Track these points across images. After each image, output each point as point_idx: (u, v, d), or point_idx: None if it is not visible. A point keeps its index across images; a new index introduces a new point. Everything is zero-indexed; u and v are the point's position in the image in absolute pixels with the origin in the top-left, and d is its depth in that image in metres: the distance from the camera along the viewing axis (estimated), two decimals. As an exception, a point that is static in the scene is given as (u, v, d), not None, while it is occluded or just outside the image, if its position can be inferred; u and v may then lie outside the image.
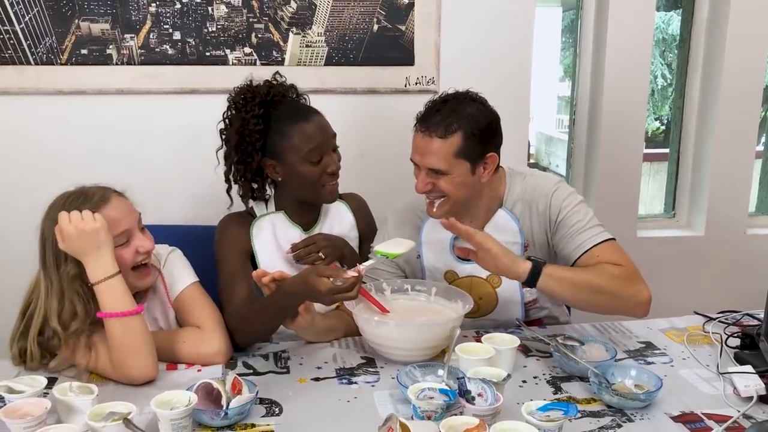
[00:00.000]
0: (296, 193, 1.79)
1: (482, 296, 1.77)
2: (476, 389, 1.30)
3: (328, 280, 1.44)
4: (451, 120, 1.61)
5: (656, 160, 4.24)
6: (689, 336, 1.73)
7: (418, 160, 1.67)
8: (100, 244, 1.42)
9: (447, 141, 1.60)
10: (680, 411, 1.36)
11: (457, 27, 2.34)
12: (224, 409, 1.29)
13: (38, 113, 2.18)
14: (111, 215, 1.46)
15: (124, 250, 1.50)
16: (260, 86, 1.77)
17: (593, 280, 1.59)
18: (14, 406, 1.25)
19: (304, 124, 1.71)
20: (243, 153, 1.73)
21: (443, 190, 1.65)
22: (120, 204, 1.51)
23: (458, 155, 1.61)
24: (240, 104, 1.74)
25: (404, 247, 1.61)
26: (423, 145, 1.64)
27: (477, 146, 1.63)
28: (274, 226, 1.81)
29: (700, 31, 2.72)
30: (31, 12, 2.10)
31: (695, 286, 2.73)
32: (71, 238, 1.41)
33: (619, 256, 1.65)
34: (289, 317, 1.56)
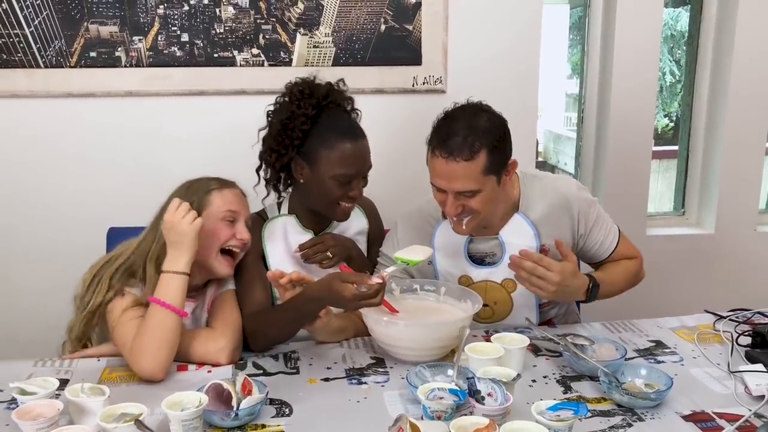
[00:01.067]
0: (311, 201, 1.78)
1: (497, 301, 1.76)
2: (486, 389, 1.30)
3: (353, 286, 1.43)
4: (473, 139, 1.55)
5: (665, 157, 4.23)
6: (700, 334, 1.72)
7: (444, 186, 1.60)
8: (184, 245, 1.53)
9: (474, 162, 1.56)
10: (691, 410, 1.36)
11: (465, 26, 2.34)
12: (235, 410, 1.29)
13: (48, 116, 2.20)
14: (228, 195, 1.64)
15: (225, 227, 1.62)
16: (321, 86, 1.74)
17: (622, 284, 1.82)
18: (27, 407, 1.27)
19: (349, 144, 1.68)
20: (280, 144, 1.71)
21: (475, 209, 1.62)
22: (237, 191, 1.67)
23: (486, 172, 1.58)
24: (296, 96, 1.71)
25: (424, 255, 1.61)
26: (448, 171, 1.57)
27: (500, 157, 1.61)
28: (285, 230, 1.81)
29: (709, 27, 2.71)
30: (41, 15, 2.11)
31: (705, 284, 2.72)
32: (166, 227, 1.54)
33: (630, 247, 1.86)
34: (309, 321, 1.57)
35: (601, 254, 1.82)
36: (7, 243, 2.23)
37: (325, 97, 1.72)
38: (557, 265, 1.58)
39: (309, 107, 1.69)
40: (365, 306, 1.48)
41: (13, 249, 2.22)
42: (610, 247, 1.81)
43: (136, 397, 1.32)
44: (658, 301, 2.67)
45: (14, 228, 2.23)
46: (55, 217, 2.18)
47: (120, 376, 1.52)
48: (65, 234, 2.17)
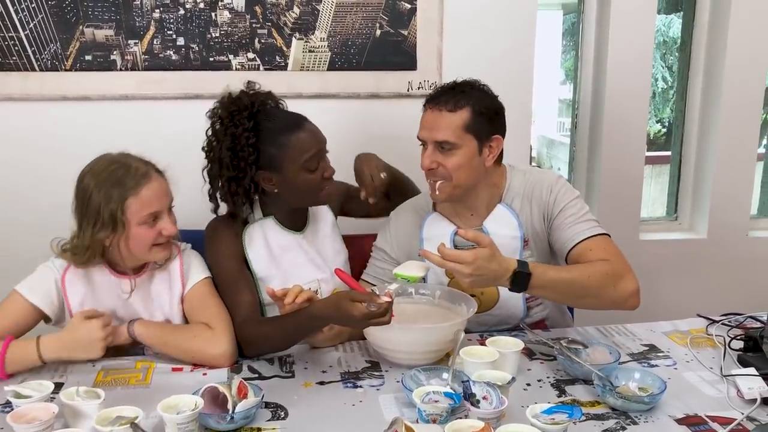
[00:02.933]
0: (293, 201, 1.77)
1: (483, 291, 1.78)
2: (481, 392, 1.30)
3: (362, 305, 1.42)
4: (461, 96, 1.67)
5: (658, 162, 4.25)
6: (692, 338, 1.73)
7: (425, 136, 1.69)
8: (71, 354, 1.53)
9: (456, 114, 1.65)
10: (684, 413, 1.37)
11: (459, 31, 2.35)
12: (230, 413, 1.29)
13: (43, 119, 2.19)
14: (146, 195, 1.54)
15: (148, 229, 1.56)
16: (241, 98, 1.71)
17: (578, 282, 1.60)
18: (22, 410, 1.26)
19: (299, 132, 1.69)
20: (236, 169, 1.68)
21: (448, 168, 1.67)
22: (157, 185, 1.57)
23: (467, 129, 1.65)
24: (227, 119, 1.68)
25: (422, 270, 1.61)
26: (432, 120, 1.67)
27: (485, 124, 1.68)
28: (264, 233, 1.79)
29: (701, 34, 2.73)
30: (36, 18, 2.11)
31: (698, 289, 2.73)
32: (71, 331, 1.52)
33: (610, 250, 1.66)
34: (312, 335, 1.58)
35: (566, 241, 1.69)
36: (1, 247, 2.23)
37: (252, 104, 1.70)
38: (468, 254, 1.51)
39: (245, 121, 1.67)
40: (375, 324, 1.45)
41: (7, 253, 2.21)
42: (576, 237, 1.67)
43: (132, 401, 1.32)
44: (651, 305, 2.68)
45: (8, 232, 2.23)
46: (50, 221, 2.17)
47: (115, 379, 1.52)
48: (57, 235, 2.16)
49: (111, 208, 1.51)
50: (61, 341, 1.52)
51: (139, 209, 1.53)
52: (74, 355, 1.52)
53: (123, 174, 1.53)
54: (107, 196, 1.51)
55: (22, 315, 1.56)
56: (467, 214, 1.78)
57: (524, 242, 1.76)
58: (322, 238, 1.87)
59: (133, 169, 1.55)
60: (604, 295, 1.61)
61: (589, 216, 1.73)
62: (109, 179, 1.52)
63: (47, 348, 1.50)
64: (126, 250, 1.57)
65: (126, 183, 1.52)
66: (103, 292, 1.62)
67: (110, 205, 1.51)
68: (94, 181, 1.53)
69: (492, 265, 1.52)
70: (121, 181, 1.52)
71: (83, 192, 1.53)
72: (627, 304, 1.64)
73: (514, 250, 1.74)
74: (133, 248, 1.57)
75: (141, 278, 1.64)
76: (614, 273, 1.62)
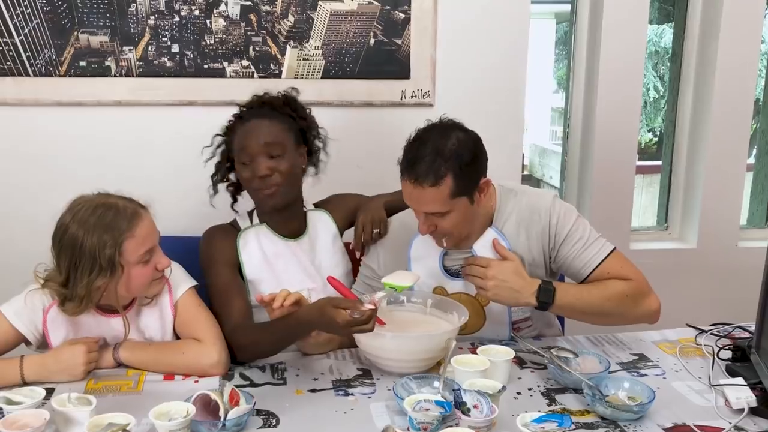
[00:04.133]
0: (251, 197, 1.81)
1: (470, 314, 1.77)
2: (472, 401, 1.31)
3: (346, 312, 1.43)
4: (439, 164, 1.55)
5: (649, 172, 4.28)
6: (681, 348, 1.74)
7: (414, 207, 1.65)
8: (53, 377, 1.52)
9: (440, 187, 1.57)
10: (673, 423, 1.38)
11: (453, 41, 2.37)
12: (222, 421, 1.30)
13: (37, 125, 2.20)
14: (139, 234, 1.49)
15: (145, 268, 1.53)
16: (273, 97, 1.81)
17: (603, 304, 1.66)
18: (13, 417, 1.27)
19: (245, 123, 1.74)
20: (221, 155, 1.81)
21: (447, 229, 1.64)
22: (147, 221, 1.54)
23: (454, 195, 1.59)
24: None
25: (411, 280, 1.62)
26: (417, 196, 1.60)
27: (469, 180, 1.61)
28: (258, 239, 1.81)
29: (692, 45, 2.76)
30: (31, 24, 2.11)
31: (687, 299, 2.74)
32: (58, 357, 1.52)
33: (626, 268, 1.71)
34: (300, 339, 1.59)
35: (581, 269, 1.71)
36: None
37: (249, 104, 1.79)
38: (495, 261, 1.62)
39: (233, 118, 1.78)
40: (358, 332, 1.47)
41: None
42: (590, 263, 1.69)
43: (123, 407, 1.32)
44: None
45: (1, 237, 2.22)
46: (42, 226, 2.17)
47: (106, 386, 1.52)
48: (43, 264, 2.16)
49: (108, 253, 1.45)
50: (43, 364, 1.52)
51: (136, 249, 1.49)
52: (55, 378, 1.51)
53: (113, 216, 1.48)
54: (101, 242, 1.45)
55: (3, 337, 1.54)
56: (460, 240, 1.75)
57: None
58: (320, 248, 1.87)
59: (122, 209, 1.50)
60: (627, 313, 1.69)
61: (595, 235, 1.73)
62: (99, 224, 1.46)
63: (30, 369, 1.50)
64: (124, 291, 1.53)
65: (119, 225, 1.47)
66: (91, 332, 1.59)
67: (106, 251, 1.45)
68: (83, 229, 1.45)
69: (517, 279, 1.62)
70: (112, 225, 1.47)
71: (72, 241, 1.46)
72: (650, 320, 1.73)
73: None
74: (132, 289, 1.54)
75: (129, 313, 1.61)
76: (636, 292, 1.68)
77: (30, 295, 1.57)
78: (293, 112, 1.79)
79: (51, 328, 1.57)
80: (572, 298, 1.64)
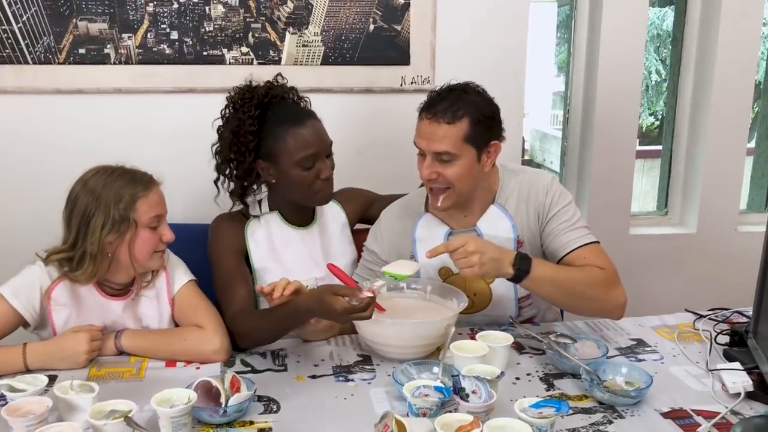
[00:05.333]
0: (288, 195, 1.80)
1: (476, 292, 1.79)
2: (470, 386, 1.32)
3: (344, 299, 1.44)
4: (458, 106, 1.63)
5: (650, 157, 4.28)
6: (680, 333, 1.76)
7: (424, 146, 1.67)
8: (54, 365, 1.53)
9: (455, 126, 1.62)
10: (670, 407, 1.39)
11: (453, 26, 2.36)
12: (223, 407, 1.31)
13: (36, 112, 2.19)
14: (153, 198, 1.57)
15: (151, 233, 1.57)
16: (260, 87, 1.77)
17: (575, 286, 1.64)
18: (16, 404, 1.27)
19: (300, 128, 1.72)
20: (236, 152, 1.74)
21: (449, 178, 1.66)
22: (160, 192, 1.61)
23: (466, 140, 1.64)
24: (238, 104, 1.75)
25: (411, 269, 1.63)
26: (430, 131, 1.65)
27: (483, 132, 1.66)
28: (268, 227, 1.83)
29: (693, 29, 2.75)
30: (29, 11, 2.11)
31: (686, 284, 2.76)
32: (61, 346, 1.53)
33: (603, 259, 1.70)
34: (299, 326, 1.59)
35: (559, 248, 1.72)
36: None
37: (265, 95, 1.75)
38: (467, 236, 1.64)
39: (252, 109, 1.73)
40: (356, 319, 1.49)
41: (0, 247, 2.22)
42: (570, 244, 1.70)
43: (125, 394, 1.33)
44: (639, 299, 2.70)
45: (2, 225, 2.23)
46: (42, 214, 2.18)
47: (108, 372, 1.54)
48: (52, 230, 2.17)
49: (122, 207, 1.52)
50: (46, 351, 1.53)
51: (147, 210, 1.55)
52: (58, 365, 1.53)
53: (131, 177, 1.56)
54: (118, 196, 1.52)
55: (3, 319, 1.55)
56: (461, 215, 1.78)
57: (518, 243, 1.76)
58: (329, 237, 1.89)
59: (139, 174, 1.59)
60: (596, 299, 1.66)
61: (582, 223, 1.75)
62: (118, 180, 1.54)
63: (33, 356, 1.51)
64: (128, 257, 1.56)
65: (136, 185, 1.55)
66: (92, 313, 1.61)
67: (121, 204, 1.52)
68: (102, 182, 1.53)
69: (492, 246, 1.59)
70: (130, 183, 1.55)
71: (91, 193, 1.53)
72: (614, 313, 1.71)
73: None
74: (137, 253, 1.56)
75: (128, 301, 1.64)
76: (607, 282, 1.66)
77: (28, 275, 1.59)
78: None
79: (54, 308, 1.58)
80: (547, 272, 1.63)
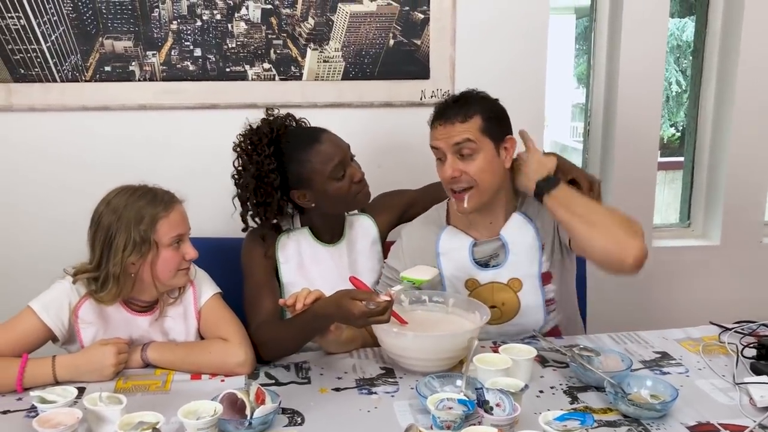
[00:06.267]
0: (332, 209, 1.83)
1: (504, 302, 1.79)
2: (494, 399, 1.32)
3: (362, 303, 1.46)
4: (468, 107, 1.68)
5: (671, 168, 4.24)
6: (705, 346, 1.74)
7: (442, 145, 1.69)
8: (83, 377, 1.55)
9: (469, 122, 1.67)
10: (696, 421, 1.38)
11: (472, 39, 2.37)
12: (249, 419, 1.32)
13: (64, 129, 2.24)
14: (174, 218, 1.58)
15: (173, 252, 1.59)
16: (261, 126, 1.79)
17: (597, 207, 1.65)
18: (47, 415, 1.30)
19: (318, 145, 1.74)
20: (263, 194, 1.76)
21: (472, 174, 1.67)
22: (182, 210, 1.63)
23: (483, 132, 1.67)
24: (249, 150, 1.76)
25: (430, 274, 1.65)
26: (446, 132, 1.68)
27: (496, 126, 1.70)
28: (298, 243, 1.85)
29: (714, 39, 2.73)
30: (57, 31, 2.16)
31: (711, 296, 2.72)
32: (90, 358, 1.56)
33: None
34: (319, 335, 1.60)
35: None
36: (20, 254, 2.28)
37: (270, 131, 1.77)
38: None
39: (266, 148, 1.75)
40: (373, 323, 1.50)
41: (27, 261, 2.26)
42: None
43: (152, 406, 1.35)
44: (663, 312, 2.69)
45: (29, 239, 2.28)
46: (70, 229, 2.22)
47: (135, 385, 1.56)
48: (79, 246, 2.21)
49: (143, 228, 1.53)
50: (74, 363, 1.56)
51: (168, 231, 1.56)
52: (86, 378, 1.55)
53: (152, 198, 1.57)
54: (138, 217, 1.53)
55: (34, 333, 1.58)
56: (486, 222, 1.79)
57: (542, 248, 1.78)
58: (357, 253, 1.90)
59: (160, 194, 1.60)
60: (613, 234, 1.58)
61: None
62: (139, 201, 1.56)
63: (62, 369, 1.54)
64: (151, 277, 1.57)
65: (156, 205, 1.56)
66: (119, 330, 1.64)
67: (141, 226, 1.53)
68: (122, 205, 1.55)
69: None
70: (151, 203, 1.56)
71: (111, 216, 1.54)
72: (628, 260, 1.56)
73: (533, 259, 1.77)
74: (160, 273, 1.58)
75: (154, 316, 1.66)
76: (631, 227, 1.60)
77: (57, 290, 1.61)
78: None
79: (81, 326, 1.61)
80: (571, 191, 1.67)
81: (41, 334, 1.59)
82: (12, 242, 2.28)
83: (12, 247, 2.28)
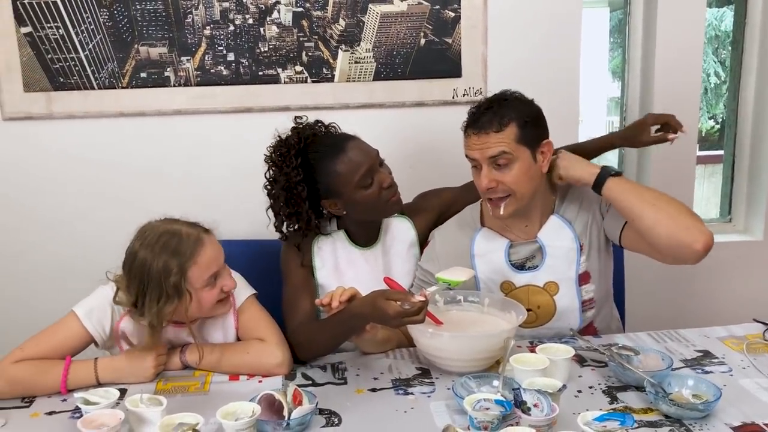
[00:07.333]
0: (363, 217, 1.83)
1: (540, 305, 1.77)
2: (532, 400, 1.31)
3: (397, 303, 1.46)
4: (502, 113, 1.64)
5: (711, 162, 4.15)
6: (749, 344, 1.70)
7: (477, 156, 1.67)
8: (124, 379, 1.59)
9: (504, 132, 1.64)
10: (741, 421, 1.35)
11: (504, 36, 2.35)
12: (286, 420, 1.33)
13: (102, 135, 2.29)
14: (203, 261, 1.55)
15: (210, 291, 1.58)
16: (289, 137, 1.78)
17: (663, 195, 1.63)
18: (91, 416, 1.33)
19: (344, 154, 1.73)
20: (294, 205, 1.76)
21: (508, 184, 1.66)
22: (211, 246, 1.58)
23: (518, 141, 1.64)
24: (279, 161, 1.76)
25: (465, 275, 1.63)
26: (480, 143, 1.65)
27: (533, 132, 1.67)
28: (334, 245, 1.86)
29: (754, 29, 2.66)
30: (95, 39, 2.20)
31: (754, 293, 2.66)
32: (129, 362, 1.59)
33: None
34: (355, 335, 1.61)
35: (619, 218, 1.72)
36: (60, 257, 2.33)
37: (299, 141, 1.76)
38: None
39: (293, 160, 1.74)
40: (408, 323, 1.50)
41: (67, 264, 2.32)
42: None
43: (191, 407, 1.37)
44: (705, 310, 2.63)
45: (70, 243, 2.33)
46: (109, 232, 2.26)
47: (175, 386, 1.58)
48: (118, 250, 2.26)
49: (173, 280, 1.51)
50: (115, 366, 1.59)
51: (200, 275, 1.55)
52: (126, 380, 1.58)
53: (177, 244, 1.53)
54: (167, 269, 1.51)
55: (76, 338, 1.61)
56: (522, 225, 1.77)
57: (581, 249, 1.76)
58: (392, 256, 1.89)
59: (185, 236, 1.55)
60: (683, 220, 1.58)
61: None
62: (165, 250, 1.52)
63: (104, 371, 1.58)
64: (193, 312, 1.59)
65: (183, 252, 1.53)
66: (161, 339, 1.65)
67: (171, 278, 1.51)
68: (150, 256, 1.52)
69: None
70: (177, 251, 1.52)
71: (141, 267, 1.52)
72: (696, 245, 1.55)
73: (571, 261, 1.75)
74: (198, 311, 1.60)
75: (194, 324, 1.67)
76: (695, 215, 1.61)
77: (100, 296, 1.64)
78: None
79: (124, 337, 1.64)
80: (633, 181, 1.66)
81: (83, 340, 1.62)
82: (53, 246, 2.34)
83: (52, 251, 2.34)
